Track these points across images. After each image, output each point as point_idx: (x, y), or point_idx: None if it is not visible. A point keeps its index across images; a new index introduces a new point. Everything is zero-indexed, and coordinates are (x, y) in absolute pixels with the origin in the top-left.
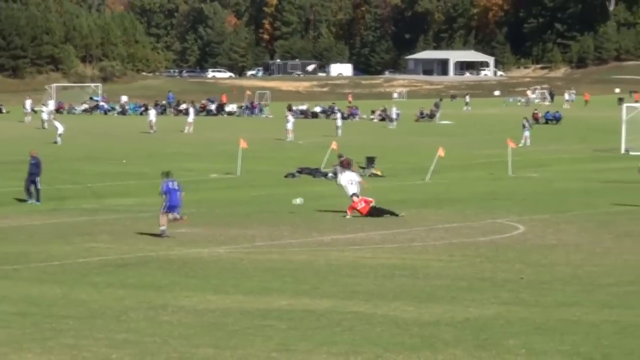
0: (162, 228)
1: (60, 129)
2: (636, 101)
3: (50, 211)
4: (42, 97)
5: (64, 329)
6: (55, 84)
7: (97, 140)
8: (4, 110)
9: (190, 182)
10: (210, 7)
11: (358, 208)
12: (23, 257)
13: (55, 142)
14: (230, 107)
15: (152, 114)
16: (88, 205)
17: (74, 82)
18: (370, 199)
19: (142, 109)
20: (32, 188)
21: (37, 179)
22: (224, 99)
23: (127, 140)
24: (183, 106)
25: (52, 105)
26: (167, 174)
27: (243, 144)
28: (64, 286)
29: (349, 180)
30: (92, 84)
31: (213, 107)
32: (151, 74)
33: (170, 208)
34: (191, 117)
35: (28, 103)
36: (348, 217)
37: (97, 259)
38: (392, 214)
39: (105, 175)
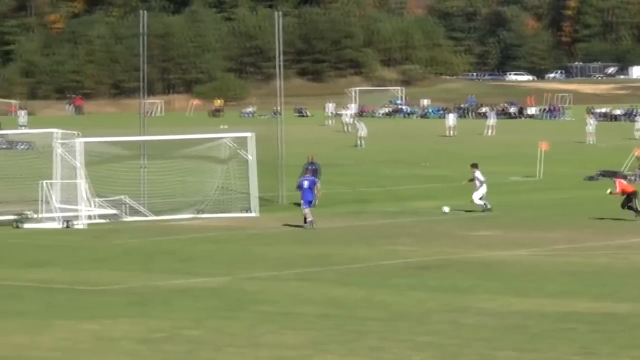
0: (309, 219)
1: (364, 131)
2: None
3: (353, 214)
4: (343, 100)
5: (366, 331)
6: (356, 88)
7: (399, 144)
8: (308, 114)
9: (491, 184)
10: (510, 10)
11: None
12: (325, 259)
13: (356, 146)
14: (532, 110)
15: (452, 117)
16: (390, 208)
17: (375, 86)
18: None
19: (442, 112)
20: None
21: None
22: (529, 102)
23: (427, 144)
24: (483, 109)
25: (353, 109)
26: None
27: (544, 147)
28: (366, 288)
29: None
30: (393, 88)
31: (513, 110)
32: (451, 77)
33: (305, 203)
34: (492, 120)
35: (330, 106)
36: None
37: (399, 262)
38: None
39: (406, 178)
